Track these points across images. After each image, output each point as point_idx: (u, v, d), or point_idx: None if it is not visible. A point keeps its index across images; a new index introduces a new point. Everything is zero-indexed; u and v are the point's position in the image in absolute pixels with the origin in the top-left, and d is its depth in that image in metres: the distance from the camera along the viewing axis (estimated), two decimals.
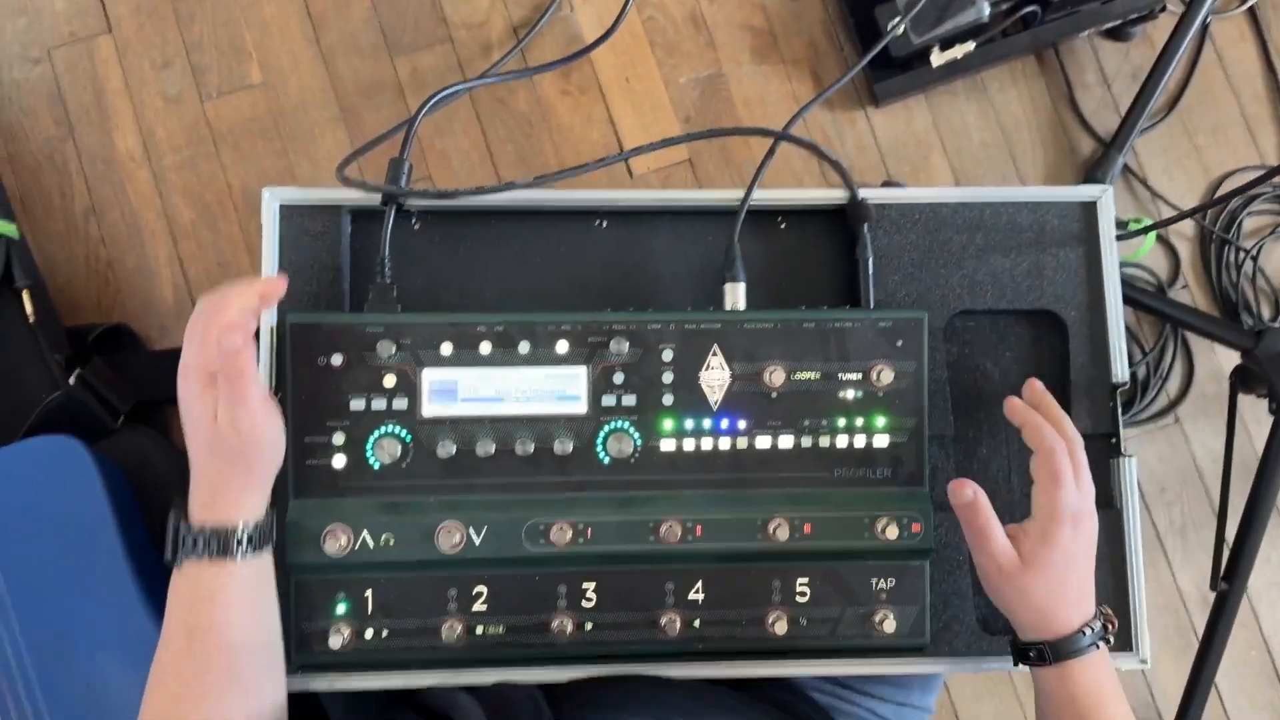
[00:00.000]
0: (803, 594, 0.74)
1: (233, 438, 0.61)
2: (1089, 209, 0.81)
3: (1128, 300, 1.11)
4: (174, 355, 1.10)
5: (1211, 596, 1.04)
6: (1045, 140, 1.26)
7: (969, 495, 0.66)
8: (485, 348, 0.72)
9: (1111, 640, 0.66)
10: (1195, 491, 1.17)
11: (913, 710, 0.85)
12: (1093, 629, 0.65)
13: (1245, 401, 1.10)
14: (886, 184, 1.26)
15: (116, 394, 0.94)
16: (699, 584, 0.74)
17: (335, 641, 0.71)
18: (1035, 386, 0.72)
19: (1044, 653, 0.64)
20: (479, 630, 0.73)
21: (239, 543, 0.61)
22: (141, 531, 0.86)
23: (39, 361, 0.93)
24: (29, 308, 0.94)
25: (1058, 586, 0.65)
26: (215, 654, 0.61)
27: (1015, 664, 0.69)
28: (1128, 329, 1.20)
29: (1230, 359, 1.19)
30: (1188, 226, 1.27)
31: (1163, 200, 1.26)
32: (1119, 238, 0.83)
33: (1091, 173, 1.24)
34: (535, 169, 1.24)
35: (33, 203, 1.16)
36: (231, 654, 0.61)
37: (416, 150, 1.22)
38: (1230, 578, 0.99)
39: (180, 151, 1.19)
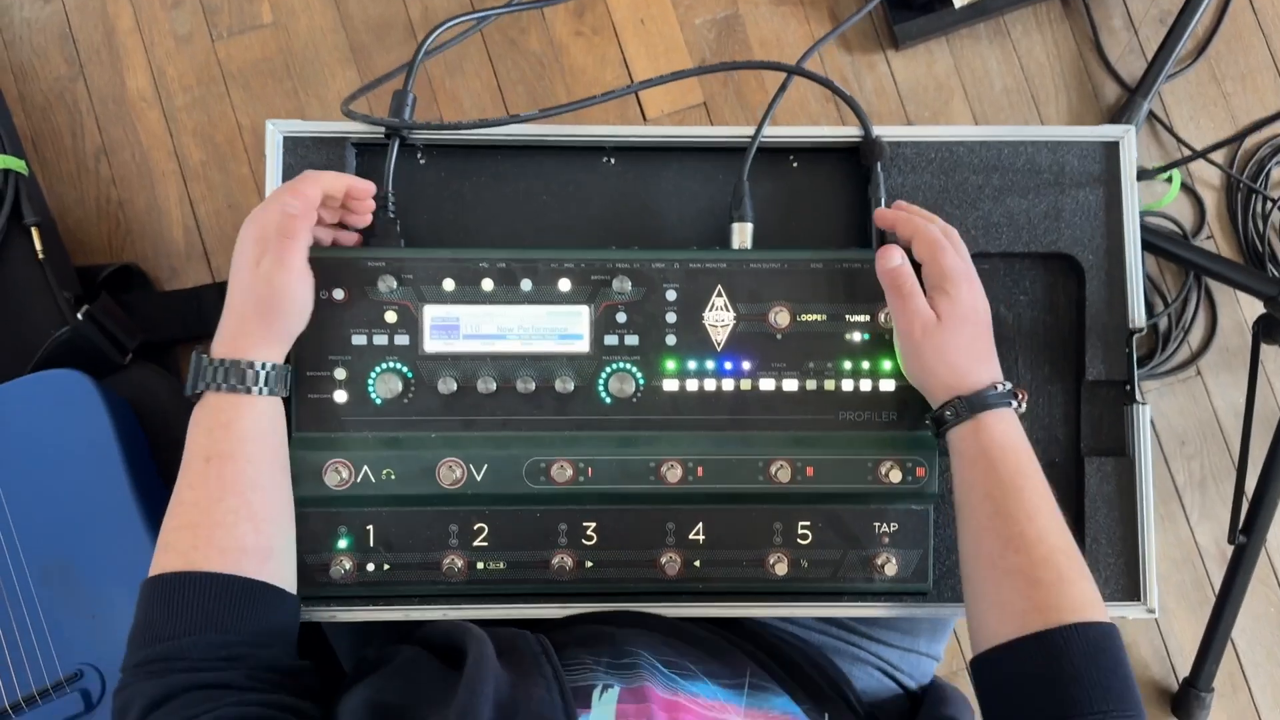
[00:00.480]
0: (804, 536, 0.73)
1: (265, 287, 0.66)
2: (1111, 149, 0.79)
3: (1149, 247, 1.08)
4: (184, 296, 1.11)
5: (1229, 550, 1.02)
6: (1069, 86, 1.22)
7: (896, 260, 0.69)
8: (487, 284, 0.71)
9: (1022, 405, 0.68)
10: (1215, 445, 1.15)
11: (920, 657, 0.84)
12: (1003, 386, 0.67)
13: (1268, 353, 1.08)
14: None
15: (124, 331, 0.95)
16: (700, 524, 0.73)
17: (336, 573, 0.72)
18: (899, 203, 0.75)
19: (959, 409, 0.66)
20: (480, 565, 0.73)
21: (255, 376, 0.65)
22: (148, 465, 0.87)
23: (48, 298, 0.93)
24: (38, 244, 0.94)
25: (969, 342, 0.68)
26: (230, 481, 0.64)
27: (934, 434, 0.69)
28: (1149, 279, 1.17)
29: (1254, 310, 1.16)
30: (1214, 175, 1.23)
31: (1188, 148, 1.22)
32: (1140, 177, 0.80)
33: (1115, 119, 1.20)
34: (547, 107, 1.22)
35: (44, 143, 1.16)
36: (245, 483, 0.64)
37: (427, 90, 1.20)
38: (1249, 530, 0.97)
39: (191, 91, 1.18)
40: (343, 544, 0.72)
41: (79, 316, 0.91)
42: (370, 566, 0.72)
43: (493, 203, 0.79)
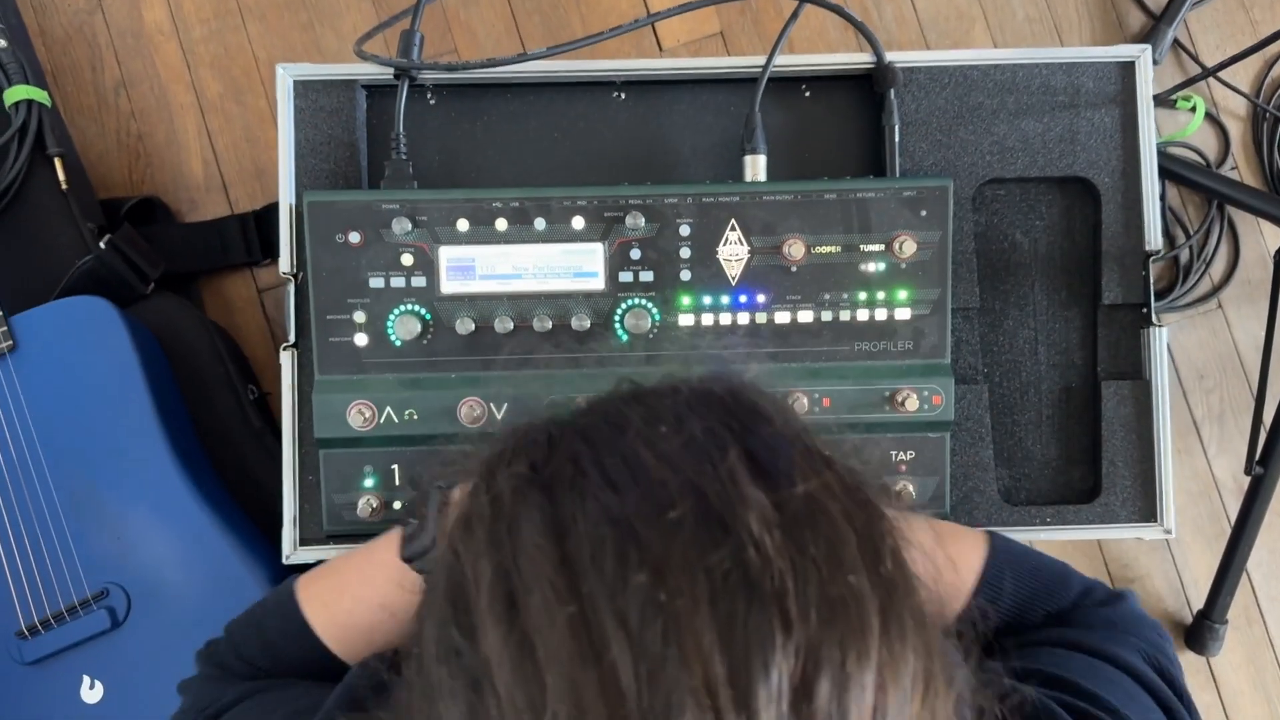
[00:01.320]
0: None
1: None
2: (1126, 69, 0.78)
3: (1170, 175, 1.06)
4: (205, 228, 1.12)
5: (1246, 483, 1.02)
6: (1092, 13, 1.19)
7: None
8: (501, 224, 0.72)
9: None
10: (1235, 378, 1.14)
11: None
12: None
13: None
14: None
15: (147, 260, 0.95)
16: None
17: (364, 511, 0.73)
18: None
19: None
20: None
21: None
22: (172, 391, 0.88)
23: (72, 228, 0.94)
24: (61, 175, 0.94)
25: None
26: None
27: None
28: (1171, 211, 1.15)
29: (1277, 241, 1.15)
30: (1239, 105, 1.20)
31: (1213, 75, 1.19)
32: (1160, 103, 0.79)
33: None
34: (563, 39, 1.21)
35: (64, 76, 1.16)
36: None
37: (441, 22, 1.19)
38: (1265, 462, 0.97)
39: (208, 24, 1.19)
40: (369, 483, 0.74)
41: (102, 245, 0.91)
42: (397, 504, 0.74)
43: (504, 141, 0.79)
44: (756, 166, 0.75)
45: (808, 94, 0.80)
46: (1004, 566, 0.60)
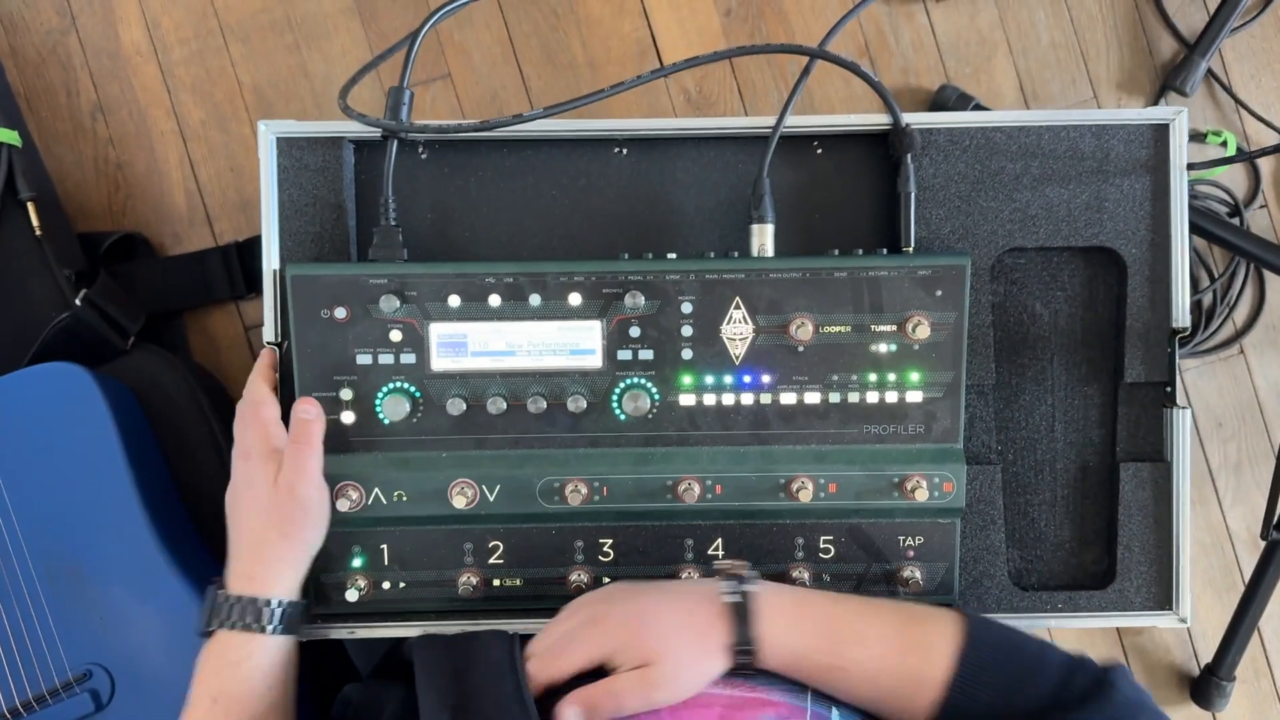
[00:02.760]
0: (826, 550, 0.71)
1: (288, 501, 0.65)
2: (1160, 132, 0.73)
3: (1196, 229, 1.02)
4: (188, 261, 1.09)
5: (1260, 531, 0.99)
6: (1121, 40, 1.14)
7: (575, 716, 0.57)
8: (495, 300, 0.68)
9: (748, 576, 0.60)
10: (1255, 428, 1.11)
11: None
12: (730, 597, 0.59)
13: None
14: (944, 88, 1.15)
15: (126, 314, 0.92)
16: (719, 540, 0.71)
17: (352, 595, 0.71)
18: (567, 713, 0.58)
19: (743, 652, 0.58)
20: (496, 583, 0.72)
21: (270, 615, 0.64)
22: (153, 456, 0.85)
23: (48, 277, 0.90)
24: (35, 220, 0.90)
25: (677, 629, 0.58)
26: None
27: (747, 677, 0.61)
28: (1195, 251, 1.11)
29: None
30: (1271, 139, 1.15)
31: (1246, 109, 1.14)
32: (1191, 139, 0.74)
33: (1170, 78, 1.12)
34: (561, 65, 1.16)
35: (38, 101, 1.11)
36: None
37: (434, 45, 1.14)
38: None
39: (188, 44, 1.13)
40: (357, 563, 0.71)
41: (78, 302, 0.88)
42: (386, 584, 0.72)
43: (499, 199, 0.76)
44: (764, 236, 0.71)
45: (819, 150, 0.75)
46: (981, 649, 0.58)
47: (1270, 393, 1.11)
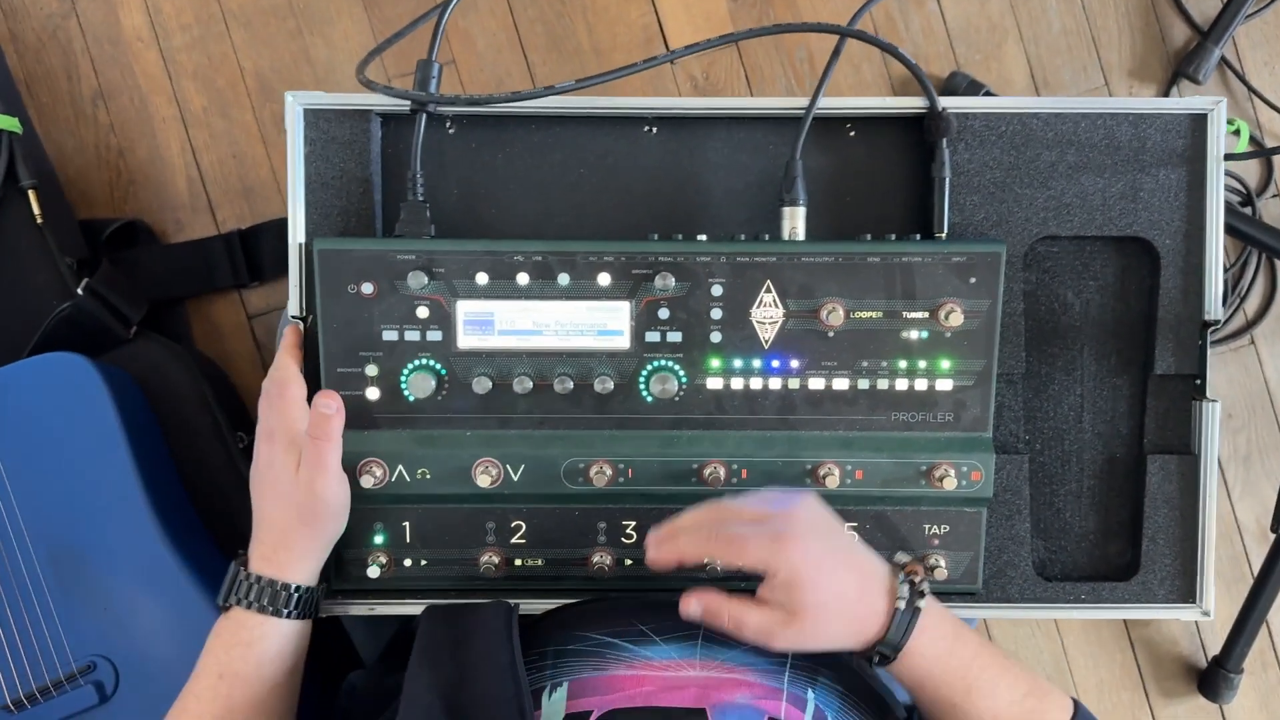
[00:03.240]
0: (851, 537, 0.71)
1: (308, 495, 0.64)
2: (1198, 123, 0.72)
3: None
4: (190, 249, 1.07)
5: (1270, 521, 1.00)
6: (1133, 27, 1.13)
7: (696, 611, 0.59)
8: (523, 278, 0.67)
9: (926, 591, 0.60)
10: (1265, 418, 1.11)
11: None
12: (902, 603, 0.58)
13: None
14: (954, 74, 1.15)
15: (129, 302, 0.90)
16: None
17: (374, 571, 0.70)
18: (661, 533, 0.62)
19: (884, 653, 0.59)
20: (517, 562, 0.71)
21: (289, 599, 0.64)
22: (157, 446, 0.84)
23: (49, 265, 0.89)
24: (36, 208, 0.89)
25: (839, 605, 0.58)
26: (239, 704, 0.62)
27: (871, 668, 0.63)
28: None
29: None
30: None
31: (1259, 97, 1.14)
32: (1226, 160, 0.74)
33: (1183, 66, 1.11)
34: (567, 52, 1.14)
35: (39, 87, 1.09)
36: (253, 708, 0.63)
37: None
38: None
39: (189, 30, 1.11)
40: (379, 539, 0.71)
41: (80, 291, 0.86)
42: (407, 562, 0.71)
43: (526, 175, 0.74)
44: (795, 219, 0.70)
45: (852, 134, 0.74)
46: None
47: None
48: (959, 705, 0.60)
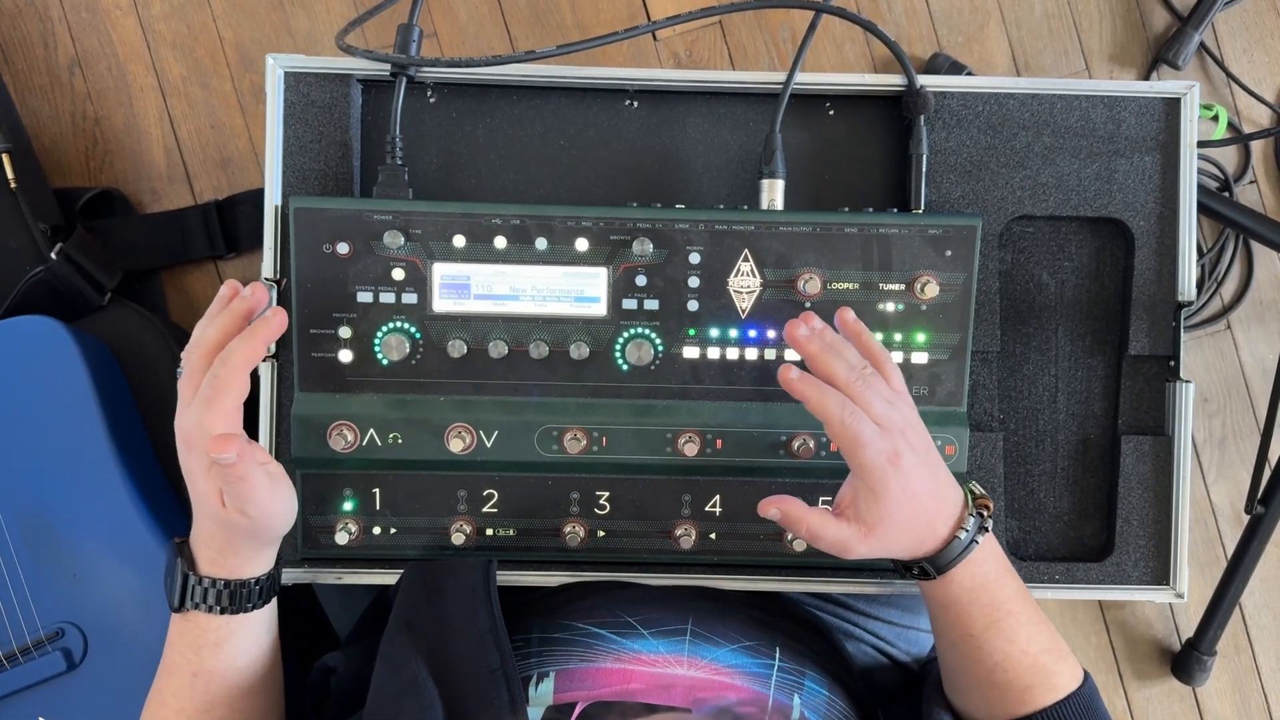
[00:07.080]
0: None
1: (241, 518, 0.58)
2: (1171, 107, 0.73)
3: None
4: (163, 219, 1.06)
5: (1244, 511, 1.01)
6: (1115, 12, 1.14)
7: (775, 515, 0.59)
8: (500, 242, 0.67)
9: (989, 526, 0.61)
10: (1240, 403, 1.12)
11: (918, 633, 0.83)
12: (967, 529, 0.60)
13: None
14: (936, 56, 1.15)
15: (103, 268, 0.89)
16: (717, 497, 0.71)
17: (342, 537, 0.70)
18: (847, 318, 0.64)
19: (926, 569, 0.60)
20: (489, 531, 0.71)
21: (251, 594, 0.61)
22: (130, 413, 0.83)
23: (23, 230, 0.88)
24: (10, 172, 0.88)
25: (909, 521, 0.59)
26: (219, 695, 0.61)
27: (902, 577, 0.65)
28: None
29: None
30: (1263, 114, 1.16)
31: (1237, 84, 1.15)
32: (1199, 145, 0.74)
33: (1163, 51, 1.12)
34: (550, 27, 1.14)
35: (14, 53, 1.08)
36: (236, 694, 0.61)
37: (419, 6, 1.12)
38: (1267, 502, 0.95)
39: None
40: (348, 506, 0.70)
41: (54, 255, 0.85)
42: (376, 530, 0.70)
43: (506, 146, 0.74)
44: (774, 191, 0.70)
45: (831, 112, 0.75)
46: (1083, 705, 0.60)
47: (1256, 368, 1.12)
48: (976, 637, 0.60)
